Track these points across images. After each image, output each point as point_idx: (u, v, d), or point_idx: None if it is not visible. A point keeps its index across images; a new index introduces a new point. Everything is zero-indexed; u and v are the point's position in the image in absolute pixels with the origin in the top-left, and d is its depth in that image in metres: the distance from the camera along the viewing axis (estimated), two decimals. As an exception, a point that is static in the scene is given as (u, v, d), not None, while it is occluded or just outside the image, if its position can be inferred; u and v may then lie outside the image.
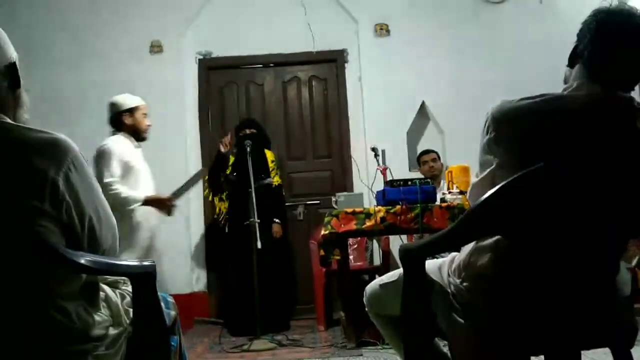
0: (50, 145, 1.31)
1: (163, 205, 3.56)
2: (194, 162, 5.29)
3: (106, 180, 3.34)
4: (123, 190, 3.41)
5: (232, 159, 4.73)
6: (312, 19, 5.28)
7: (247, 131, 4.62)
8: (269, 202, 4.47)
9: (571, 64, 1.51)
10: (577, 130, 1.37)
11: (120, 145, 3.55)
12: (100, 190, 1.45)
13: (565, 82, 1.53)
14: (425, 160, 4.93)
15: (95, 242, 1.40)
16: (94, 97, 5.24)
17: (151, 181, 3.70)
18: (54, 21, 5.30)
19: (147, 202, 3.50)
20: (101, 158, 3.45)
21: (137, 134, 3.65)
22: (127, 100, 3.66)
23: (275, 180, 4.74)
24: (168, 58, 5.35)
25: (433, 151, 4.98)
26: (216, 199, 4.82)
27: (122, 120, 3.62)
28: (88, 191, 1.38)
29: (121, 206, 3.31)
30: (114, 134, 3.64)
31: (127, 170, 3.51)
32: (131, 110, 3.63)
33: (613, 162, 1.35)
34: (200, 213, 5.29)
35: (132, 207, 3.44)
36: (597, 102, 1.40)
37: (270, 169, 4.71)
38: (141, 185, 3.57)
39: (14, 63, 1.41)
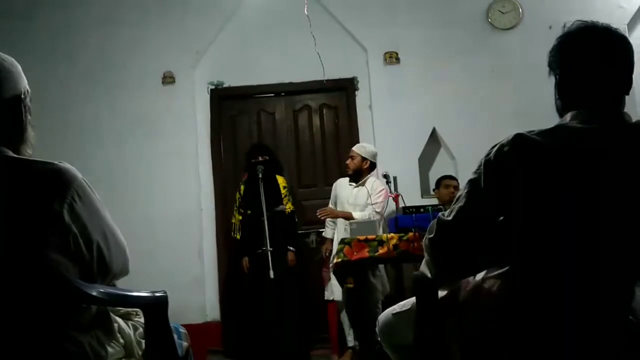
0: (52, 177, 1.29)
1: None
2: (206, 192, 5.32)
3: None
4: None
5: (242, 187, 4.74)
6: (321, 47, 5.31)
7: (260, 158, 4.63)
8: (283, 229, 4.46)
9: (558, 94, 1.49)
10: (578, 163, 1.32)
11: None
12: (108, 214, 1.43)
13: (558, 111, 1.49)
14: (447, 184, 4.90)
15: (105, 267, 1.40)
16: (108, 128, 5.33)
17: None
18: (67, 54, 5.38)
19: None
20: None
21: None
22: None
23: (288, 207, 4.72)
24: (180, 89, 5.41)
25: (455, 179, 4.97)
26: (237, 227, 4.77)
27: None
28: (95, 218, 1.37)
29: None
30: None
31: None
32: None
33: (620, 190, 1.32)
34: (212, 242, 5.30)
35: None
36: (593, 133, 1.35)
37: (283, 195, 4.70)
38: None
39: (19, 96, 1.38)
